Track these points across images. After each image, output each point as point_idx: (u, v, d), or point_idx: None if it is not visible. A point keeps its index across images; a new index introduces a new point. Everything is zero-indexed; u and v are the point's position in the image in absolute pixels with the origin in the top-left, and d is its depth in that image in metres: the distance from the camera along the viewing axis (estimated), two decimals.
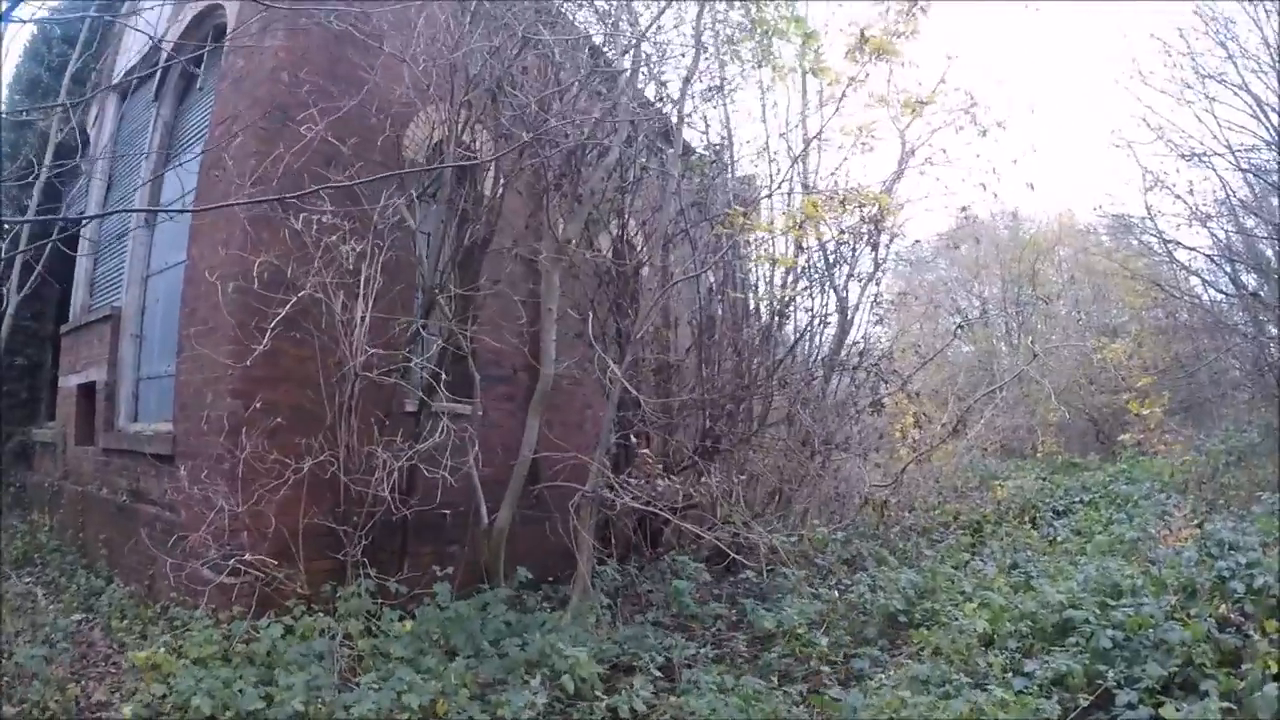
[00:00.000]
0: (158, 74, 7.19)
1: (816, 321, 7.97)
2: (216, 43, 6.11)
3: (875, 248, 7.99)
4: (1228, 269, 12.74)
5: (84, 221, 7.89)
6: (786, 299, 7.47)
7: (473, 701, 3.71)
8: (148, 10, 7.64)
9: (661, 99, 7.06)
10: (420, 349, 5.55)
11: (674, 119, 6.85)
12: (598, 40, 6.74)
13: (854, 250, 7.87)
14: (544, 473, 6.12)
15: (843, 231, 7.55)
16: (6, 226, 8.08)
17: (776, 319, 7.64)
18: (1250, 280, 12.49)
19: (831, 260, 7.91)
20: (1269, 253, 12.03)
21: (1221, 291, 13.69)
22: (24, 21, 3.06)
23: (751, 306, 7.76)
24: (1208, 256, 12.74)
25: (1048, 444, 15.92)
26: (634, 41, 6.46)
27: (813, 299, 7.95)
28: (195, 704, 3.40)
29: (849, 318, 8.25)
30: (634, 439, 5.97)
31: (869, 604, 5.50)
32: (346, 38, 5.43)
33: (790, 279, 7.60)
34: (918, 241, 11.51)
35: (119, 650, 4.55)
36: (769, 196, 7.29)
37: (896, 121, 8.28)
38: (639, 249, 7.10)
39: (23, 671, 3.94)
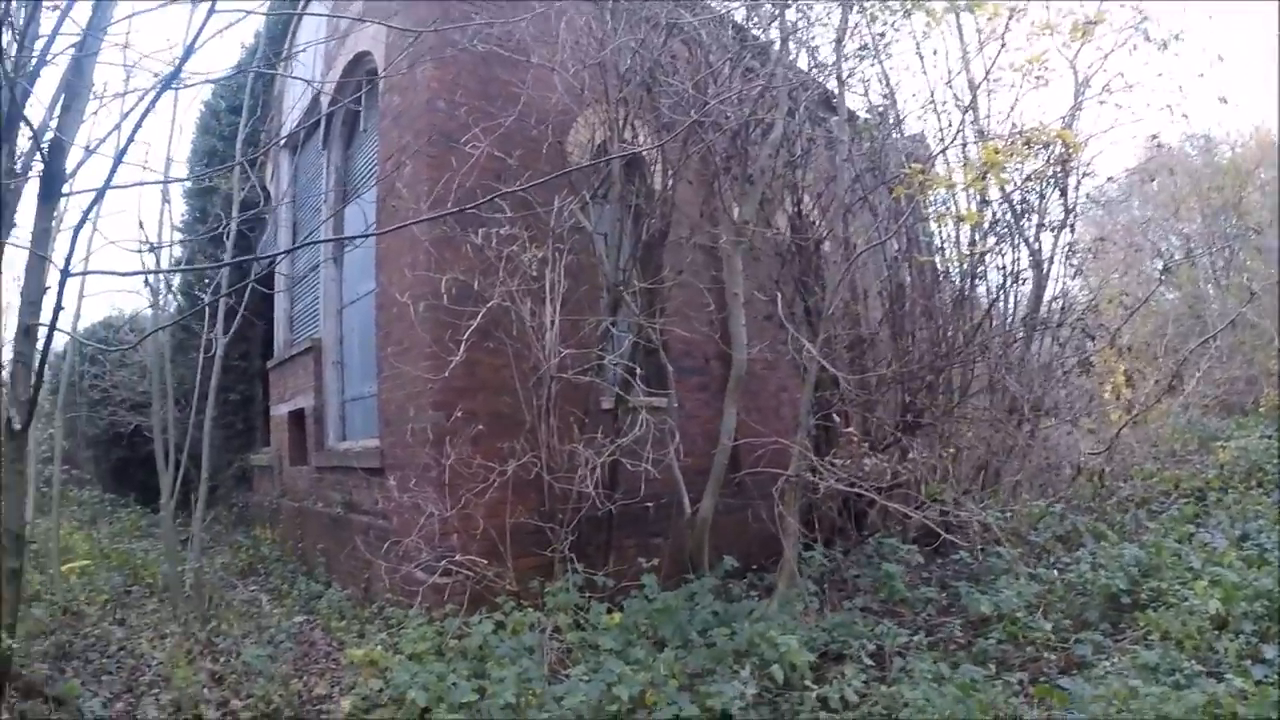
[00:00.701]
0: (323, 123, 7.73)
1: (1010, 280, 7.35)
2: (370, 81, 6.40)
3: (1064, 192, 7.28)
4: None
5: (277, 259, 8.61)
6: (977, 258, 6.92)
7: (682, 692, 3.66)
8: (302, 68, 8.26)
9: (816, 65, 6.75)
10: (611, 346, 5.60)
11: (833, 84, 6.52)
12: (739, 18, 6.56)
13: (1042, 197, 7.21)
14: (744, 460, 6.02)
15: (1027, 178, 6.91)
16: (208, 279, 8.98)
17: (969, 281, 7.14)
18: None
19: (1019, 211, 7.27)
20: None
21: None
22: (180, 87, 3.30)
23: (940, 270, 7.29)
24: None
25: (1270, 396, 13.90)
26: (778, 11, 6.21)
27: (1003, 255, 7.35)
28: (411, 697, 3.52)
29: (1045, 271, 7.58)
30: (835, 418, 5.71)
31: (1089, 584, 5.02)
32: (493, 57, 5.52)
33: (978, 236, 7.05)
34: (1110, 179, 10.32)
35: (338, 648, 4.83)
36: (944, 151, 6.78)
37: (1065, 50, 7.52)
38: (817, 223, 6.85)
39: (249, 669, 4.28)
